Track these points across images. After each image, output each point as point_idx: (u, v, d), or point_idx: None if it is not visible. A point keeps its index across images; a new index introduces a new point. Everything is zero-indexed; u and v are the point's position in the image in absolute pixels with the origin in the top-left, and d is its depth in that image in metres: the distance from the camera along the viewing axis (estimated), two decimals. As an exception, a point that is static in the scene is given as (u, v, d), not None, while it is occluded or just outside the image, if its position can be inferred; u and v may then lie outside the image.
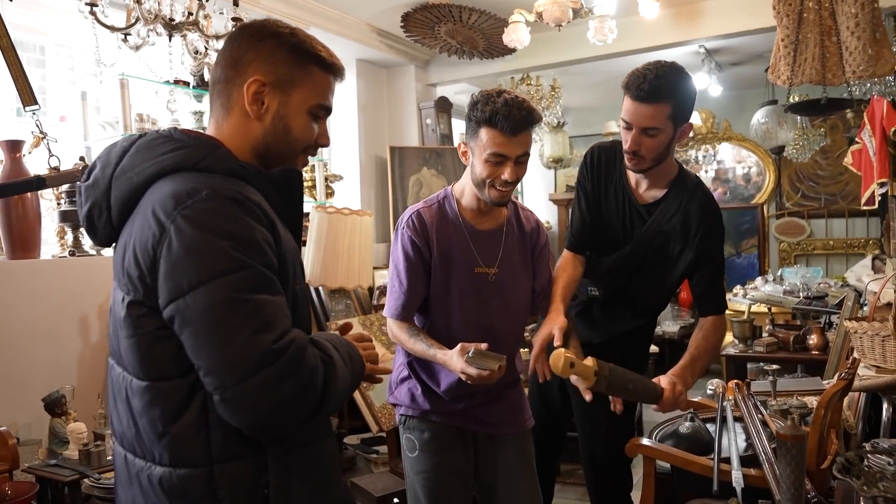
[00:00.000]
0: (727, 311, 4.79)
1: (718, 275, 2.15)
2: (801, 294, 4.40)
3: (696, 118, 5.95)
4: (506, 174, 1.81)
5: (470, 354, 1.72)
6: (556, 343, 1.80)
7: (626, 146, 2.02)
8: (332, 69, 1.25)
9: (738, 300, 4.66)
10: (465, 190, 1.95)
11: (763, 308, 4.38)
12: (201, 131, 1.22)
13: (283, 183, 1.21)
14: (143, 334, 1.09)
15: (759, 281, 4.98)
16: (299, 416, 1.05)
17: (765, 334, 4.03)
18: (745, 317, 4.08)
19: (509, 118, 1.75)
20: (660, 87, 1.91)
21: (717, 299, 2.16)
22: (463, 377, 1.77)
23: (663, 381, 1.90)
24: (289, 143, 1.23)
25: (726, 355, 3.97)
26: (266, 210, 1.11)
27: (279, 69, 1.19)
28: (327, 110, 1.27)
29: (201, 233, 1.03)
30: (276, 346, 1.00)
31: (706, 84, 5.45)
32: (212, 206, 1.04)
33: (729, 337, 4.28)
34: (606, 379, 1.74)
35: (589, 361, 1.71)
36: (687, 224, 2.08)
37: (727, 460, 1.94)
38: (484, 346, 1.75)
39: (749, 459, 1.99)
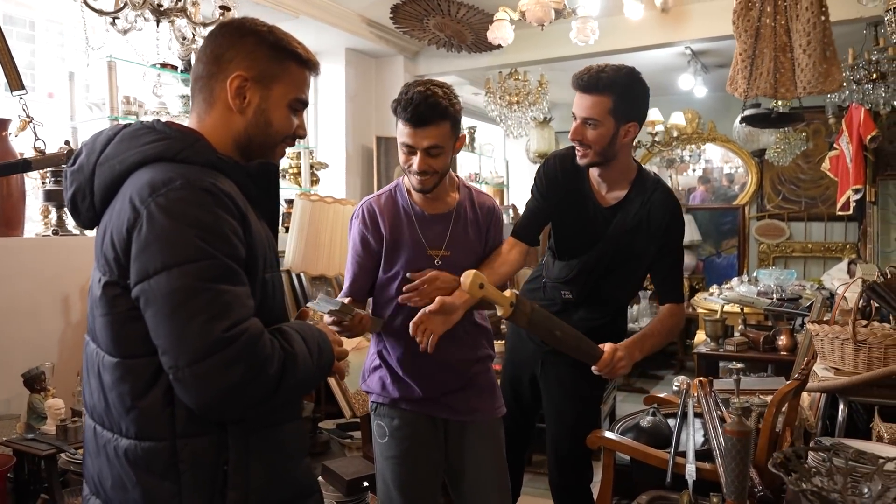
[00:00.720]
0: (701, 311, 4.88)
1: (677, 266, 2.26)
2: (774, 295, 4.50)
3: (680, 118, 6.03)
4: (414, 164, 1.89)
5: (316, 300, 1.80)
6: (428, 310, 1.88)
7: (569, 136, 2.13)
8: (309, 65, 1.32)
9: (713, 299, 4.75)
10: None
11: (736, 308, 4.47)
12: (184, 124, 1.27)
13: (261, 175, 1.26)
14: (116, 313, 1.15)
15: (734, 281, 5.09)
16: (249, 401, 1.10)
17: (736, 334, 4.12)
18: (718, 316, 4.17)
19: (409, 110, 1.83)
20: (599, 80, 2.02)
21: (674, 288, 2.26)
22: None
23: (607, 346, 2.00)
24: (269, 135, 1.29)
25: (697, 353, 4.06)
26: (238, 202, 1.16)
27: (260, 65, 1.25)
28: (304, 104, 1.33)
29: (171, 220, 1.08)
30: (227, 335, 1.05)
31: (691, 85, 5.53)
32: (184, 196, 1.09)
33: (701, 335, 4.38)
34: (527, 316, 1.81)
35: (507, 293, 1.77)
36: (650, 220, 2.17)
37: (685, 454, 2.02)
38: (346, 300, 1.86)
39: (705, 454, 2.07)
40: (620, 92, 2.04)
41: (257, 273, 1.19)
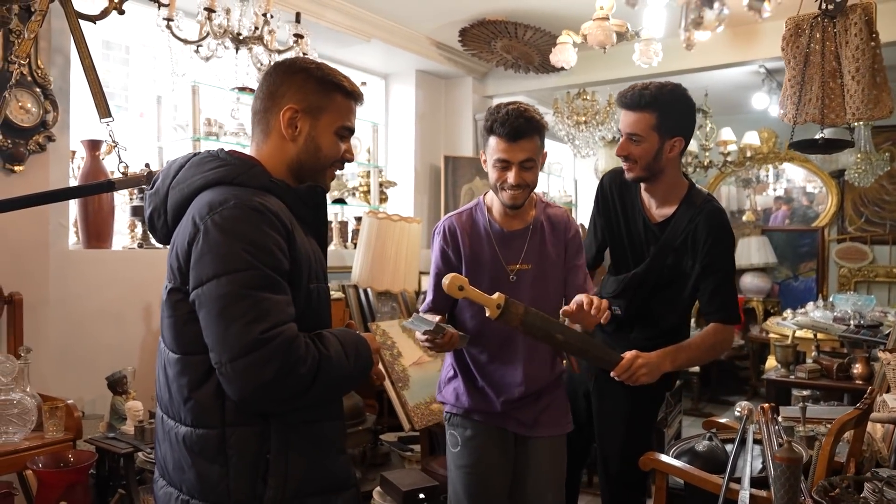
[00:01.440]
0: (772, 335, 4.72)
1: (725, 283, 2.23)
2: (851, 322, 4.31)
3: (754, 138, 5.88)
4: (510, 178, 1.97)
5: (411, 319, 1.89)
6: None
7: (616, 152, 2.23)
8: (353, 96, 1.46)
9: (785, 324, 4.60)
10: (494, 196, 2.11)
11: (809, 334, 4.31)
12: (245, 153, 1.42)
13: (308, 197, 1.40)
14: (178, 316, 1.31)
15: (809, 306, 4.90)
16: (283, 396, 1.22)
17: (809, 360, 3.98)
18: (789, 341, 4.04)
19: (506, 125, 1.93)
20: (642, 97, 2.12)
21: (721, 306, 2.22)
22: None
23: (629, 353, 2.00)
24: (318, 159, 1.43)
25: (767, 379, 3.94)
26: (284, 220, 1.29)
27: (309, 97, 1.40)
28: (351, 131, 1.47)
29: (223, 236, 1.23)
30: (264, 336, 1.18)
31: (766, 104, 5.40)
32: (236, 214, 1.24)
33: (771, 361, 4.24)
34: (519, 317, 1.83)
35: (495, 295, 1.81)
36: (696, 237, 2.19)
37: (741, 481, 1.99)
38: (437, 318, 1.90)
39: (762, 481, 2.04)
40: (663, 108, 2.12)
41: (301, 283, 1.31)
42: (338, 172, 1.56)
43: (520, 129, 1.94)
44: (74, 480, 2.30)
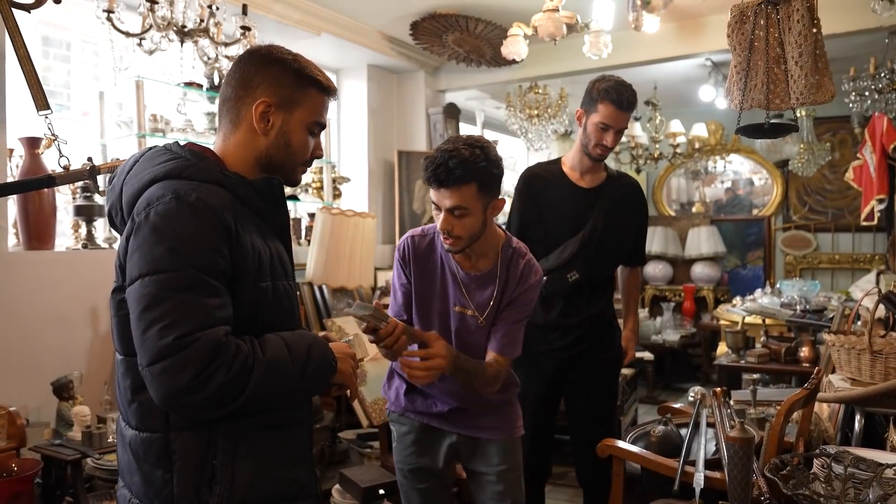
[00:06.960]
0: (723, 322, 4.83)
1: (646, 236, 2.90)
2: (797, 307, 4.45)
3: (702, 130, 6.00)
4: (438, 222, 1.85)
5: (353, 306, 1.73)
6: None
7: (608, 143, 2.54)
8: (328, 91, 1.41)
9: (735, 311, 4.71)
10: None
11: (758, 320, 4.43)
12: (202, 145, 1.37)
13: (265, 190, 1.35)
14: (121, 316, 1.26)
15: (758, 293, 5.04)
16: (205, 402, 1.16)
17: (758, 345, 4.08)
18: (739, 327, 4.14)
19: (430, 171, 1.81)
20: (633, 98, 2.52)
21: (643, 253, 2.90)
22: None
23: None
24: (288, 155, 1.38)
25: (718, 365, 4.03)
26: (224, 216, 1.22)
27: (284, 91, 1.35)
28: (322, 127, 1.43)
29: (151, 233, 1.18)
30: (179, 342, 1.13)
31: (713, 96, 5.51)
32: (168, 209, 1.19)
33: (722, 347, 4.34)
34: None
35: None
36: (627, 200, 2.69)
37: (695, 464, 2.03)
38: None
39: (715, 463, 2.08)
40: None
41: (247, 282, 1.25)
42: None
43: (441, 178, 1.77)
44: (18, 490, 2.22)
